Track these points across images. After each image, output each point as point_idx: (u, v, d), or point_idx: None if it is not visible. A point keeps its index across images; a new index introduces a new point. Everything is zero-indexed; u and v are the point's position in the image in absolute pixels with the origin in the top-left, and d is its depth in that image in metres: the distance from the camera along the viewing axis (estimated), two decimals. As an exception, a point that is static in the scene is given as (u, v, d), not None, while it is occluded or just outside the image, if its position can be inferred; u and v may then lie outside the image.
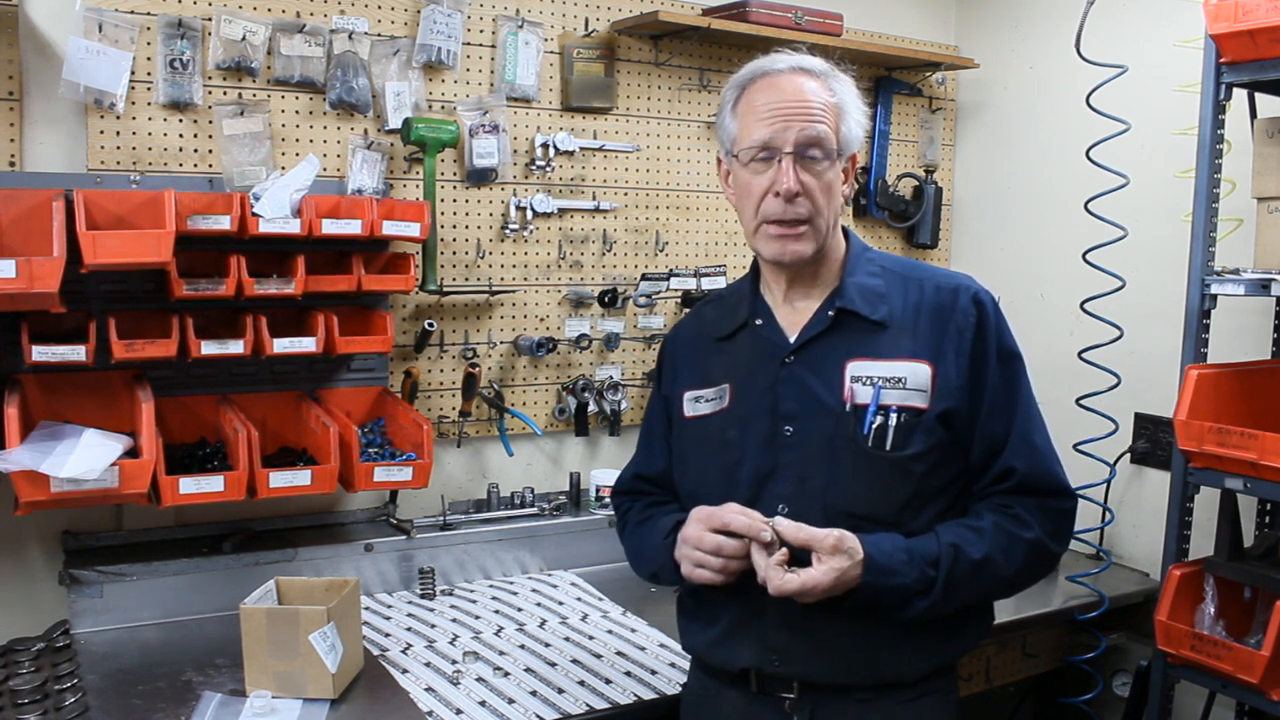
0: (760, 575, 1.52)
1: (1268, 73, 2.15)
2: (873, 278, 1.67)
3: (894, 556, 1.53)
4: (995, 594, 1.68)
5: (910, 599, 1.54)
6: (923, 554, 1.54)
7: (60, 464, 1.92)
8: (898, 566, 1.53)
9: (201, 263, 2.21)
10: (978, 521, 1.59)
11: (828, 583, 1.49)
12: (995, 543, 1.57)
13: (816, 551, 1.50)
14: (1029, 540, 1.59)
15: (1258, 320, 2.62)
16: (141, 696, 1.90)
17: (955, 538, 1.56)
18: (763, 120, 1.59)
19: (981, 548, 1.56)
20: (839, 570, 1.49)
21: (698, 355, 1.79)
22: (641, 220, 2.95)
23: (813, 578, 1.49)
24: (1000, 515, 1.60)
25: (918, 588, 1.53)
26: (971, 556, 1.55)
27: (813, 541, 1.50)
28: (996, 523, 1.59)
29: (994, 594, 1.68)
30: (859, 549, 1.51)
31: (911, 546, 1.55)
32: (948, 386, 1.59)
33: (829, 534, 1.50)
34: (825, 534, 1.50)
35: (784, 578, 1.49)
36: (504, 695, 1.97)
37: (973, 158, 3.47)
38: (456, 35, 2.60)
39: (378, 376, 2.57)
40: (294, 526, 2.52)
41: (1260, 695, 2.11)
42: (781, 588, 1.49)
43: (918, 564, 1.53)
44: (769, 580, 1.50)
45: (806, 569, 1.50)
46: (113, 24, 2.22)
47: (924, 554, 1.54)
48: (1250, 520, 2.52)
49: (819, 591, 1.49)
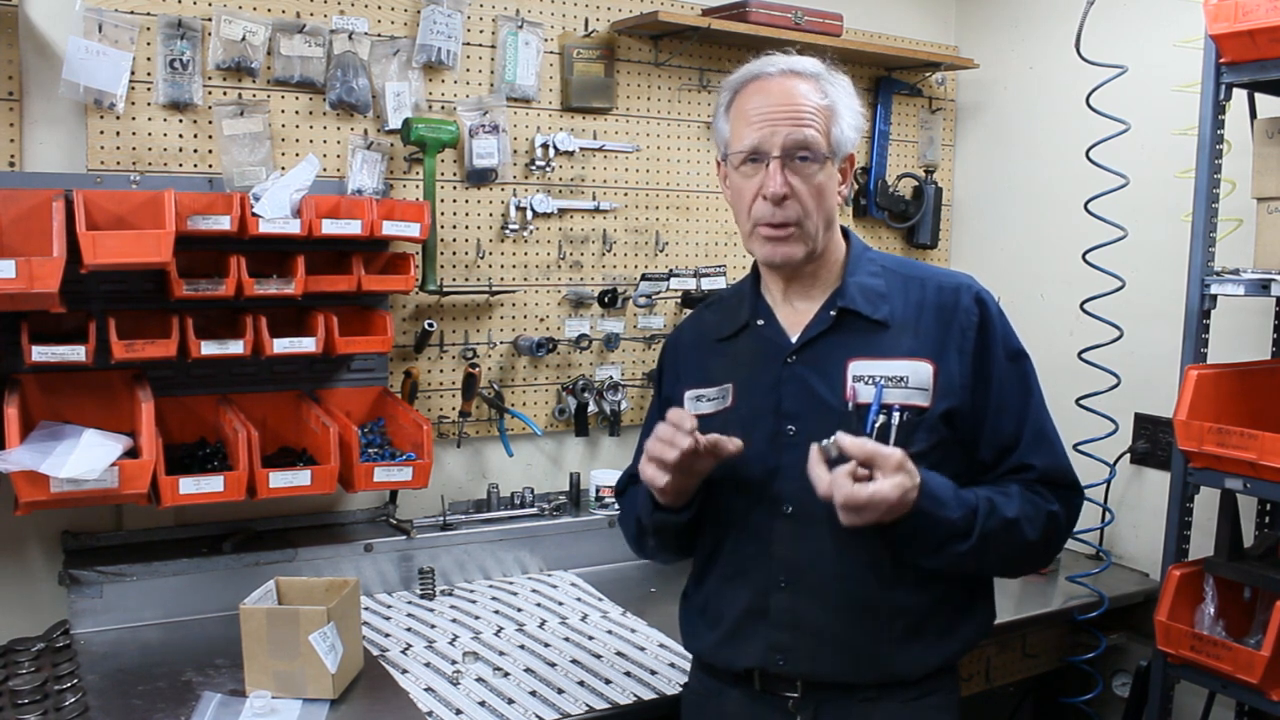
0: (822, 489, 1.46)
1: (1268, 73, 2.16)
2: (874, 278, 1.67)
3: (945, 489, 1.52)
4: (1014, 561, 1.67)
5: (949, 540, 1.53)
6: (965, 497, 1.54)
7: (60, 464, 1.92)
8: (948, 500, 1.52)
9: (201, 263, 2.21)
10: (1005, 489, 1.60)
11: (895, 497, 1.44)
12: (1023, 508, 1.58)
13: (880, 468, 1.46)
14: (1051, 511, 1.61)
15: (1258, 320, 2.62)
16: (141, 696, 1.90)
17: (989, 494, 1.57)
18: (752, 124, 1.60)
19: (1013, 508, 1.57)
20: (904, 488, 1.45)
21: (699, 356, 1.79)
22: (641, 220, 2.95)
23: (881, 490, 1.44)
24: (1024, 487, 1.61)
25: (960, 528, 1.53)
26: (1005, 514, 1.56)
27: (879, 457, 1.46)
28: (1022, 491, 1.61)
29: (1014, 561, 1.66)
30: (917, 473, 1.49)
31: (956, 488, 1.54)
32: (950, 385, 1.59)
33: (893, 452, 1.47)
34: (891, 451, 1.47)
35: (853, 488, 1.44)
36: (504, 695, 1.97)
37: (973, 158, 3.47)
38: (456, 35, 2.59)
39: (378, 376, 2.57)
40: (294, 526, 2.52)
41: (1260, 695, 2.11)
42: (851, 496, 1.43)
43: (963, 505, 1.53)
44: (837, 490, 1.44)
45: (873, 481, 1.44)
46: (113, 24, 2.22)
47: (966, 498, 1.55)
48: (1250, 520, 2.52)
49: (884, 507, 1.44)
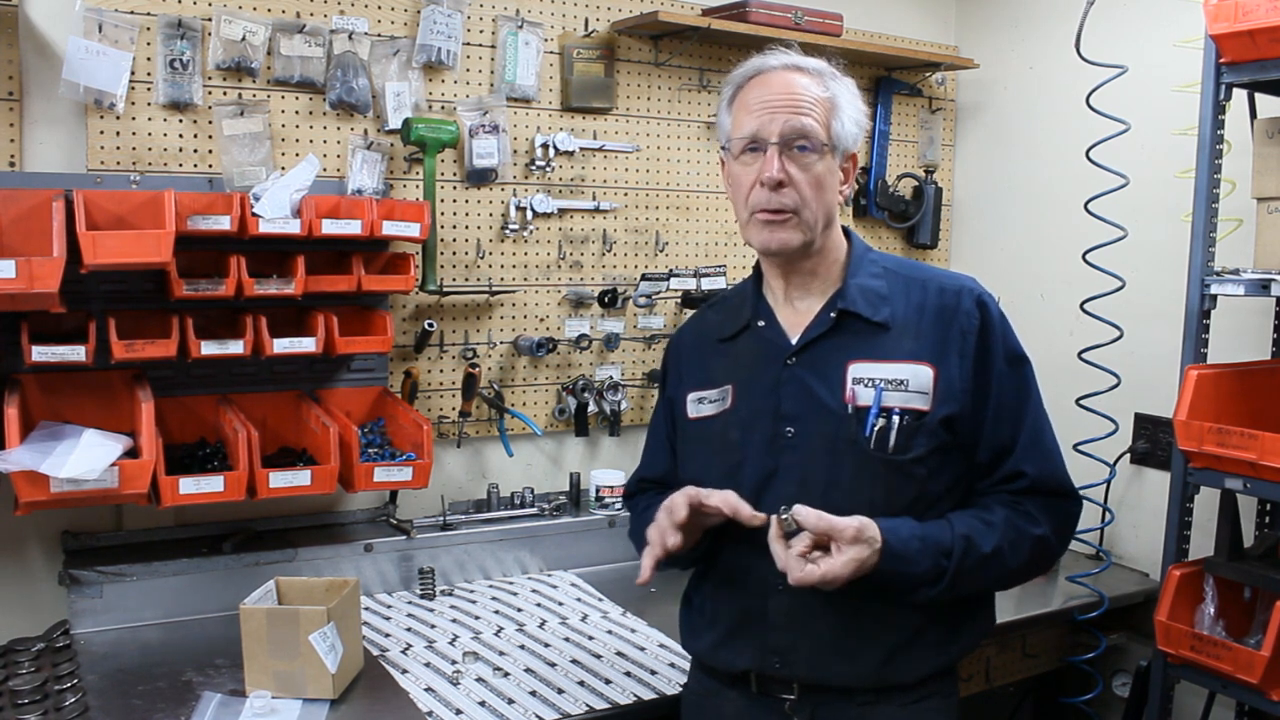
0: (780, 564, 1.49)
1: (1268, 73, 2.15)
2: (875, 279, 1.67)
3: (909, 544, 1.52)
4: (997, 586, 1.68)
5: (919, 587, 1.54)
6: (936, 543, 1.54)
7: (60, 464, 1.92)
8: (912, 555, 1.52)
9: (201, 263, 2.21)
10: (989, 515, 1.59)
11: (848, 574, 1.46)
12: (1005, 536, 1.57)
13: (836, 541, 1.47)
14: (1036, 536, 1.60)
15: (1258, 320, 2.62)
16: (141, 696, 1.90)
17: (967, 529, 1.56)
18: (752, 113, 1.61)
19: (992, 540, 1.56)
20: (859, 561, 1.47)
21: (701, 357, 1.79)
22: (641, 220, 2.95)
23: (833, 569, 1.46)
24: (1011, 510, 1.60)
25: (929, 577, 1.53)
26: (982, 550, 1.55)
27: (833, 531, 1.47)
28: (1007, 517, 1.59)
29: (997, 586, 1.68)
30: (878, 537, 1.49)
31: (926, 535, 1.54)
32: (950, 389, 1.59)
33: (849, 523, 1.48)
34: (846, 523, 1.47)
35: (805, 569, 1.46)
36: (504, 695, 1.97)
37: (973, 158, 3.47)
38: (456, 35, 2.59)
39: (378, 376, 2.57)
40: (294, 527, 2.52)
41: (1260, 695, 2.11)
42: (803, 579, 1.46)
43: (931, 553, 1.53)
44: (789, 570, 1.47)
45: (826, 559, 1.47)
46: (113, 24, 2.22)
47: (938, 543, 1.54)
48: (1250, 520, 2.52)
49: (838, 583, 1.47)
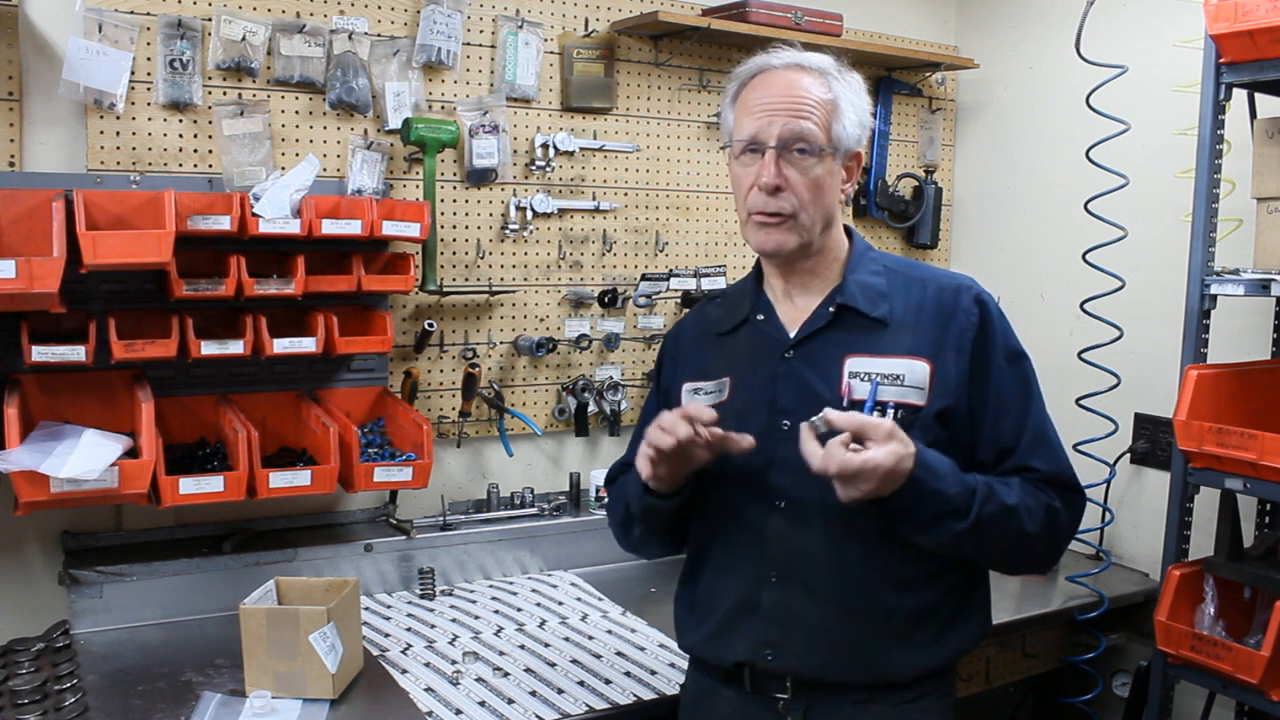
0: (816, 464, 1.44)
1: (1268, 73, 2.15)
2: (875, 276, 1.67)
3: (942, 463, 1.51)
4: (1014, 552, 1.63)
5: (946, 516, 1.51)
6: (962, 479, 1.53)
7: (60, 464, 1.92)
8: (945, 473, 1.50)
9: (201, 263, 2.21)
10: (1006, 480, 1.59)
11: (889, 464, 1.43)
12: (1023, 498, 1.57)
13: (870, 438, 1.44)
14: (1051, 506, 1.60)
15: (1258, 320, 2.62)
16: (141, 696, 1.90)
17: (989, 480, 1.56)
18: (752, 115, 1.61)
19: (1012, 496, 1.56)
20: (897, 455, 1.44)
21: (699, 349, 1.79)
22: (641, 220, 2.95)
23: (875, 457, 1.42)
24: (1025, 481, 1.60)
25: (958, 503, 1.50)
26: (1004, 500, 1.54)
27: (868, 427, 1.45)
28: (1022, 483, 1.59)
29: (1013, 552, 1.63)
30: (910, 442, 1.47)
31: (955, 466, 1.53)
32: (946, 385, 1.59)
33: (882, 421, 1.46)
34: (879, 421, 1.46)
35: (847, 455, 1.42)
36: (504, 695, 1.97)
37: (973, 158, 3.47)
38: (456, 35, 2.60)
39: (378, 377, 2.57)
40: (294, 527, 2.52)
41: (1260, 695, 2.11)
42: (846, 463, 1.41)
43: (962, 483, 1.52)
44: (831, 460, 1.42)
45: (865, 450, 1.42)
46: (113, 24, 2.22)
47: (964, 480, 1.53)
48: (1250, 520, 2.52)
49: (879, 474, 1.43)
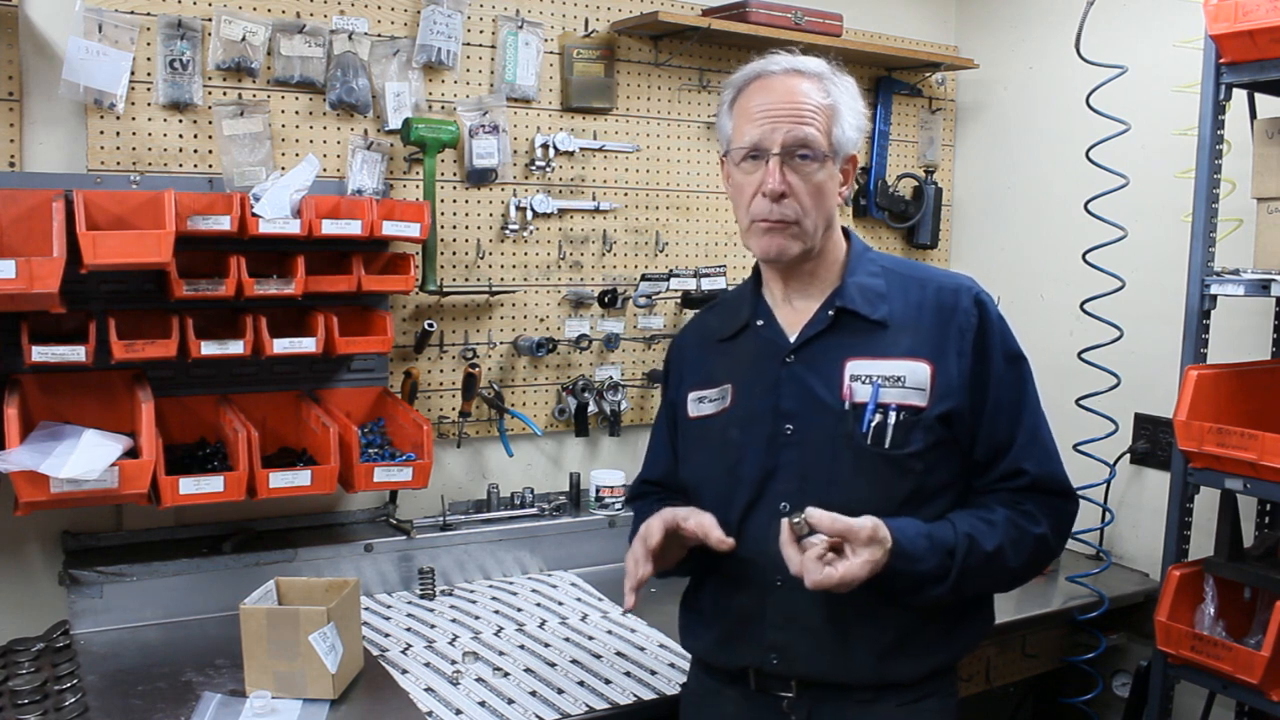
0: (794, 568, 1.46)
1: (1268, 73, 2.15)
2: (874, 278, 1.67)
3: (917, 543, 1.52)
4: (998, 586, 1.68)
5: (925, 586, 1.54)
6: (941, 542, 1.54)
7: (60, 464, 1.92)
8: (920, 553, 1.52)
9: (201, 263, 2.21)
10: (990, 514, 1.60)
11: (865, 575, 1.45)
12: (1006, 536, 1.58)
13: (852, 543, 1.46)
14: (1037, 535, 1.60)
15: (1258, 320, 2.62)
16: (141, 697, 1.90)
17: (970, 528, 1.57)
18: (753, 121, 1.60)
19: (994, 539, 1.56)
20: (874, 562, 1.46)
21: (701, 357, 1.79)
22: (641, 220, 2.95)
23: (851, 570, 1.44)
24: (1011, 510, 1.60)
25: (935, 575, 1.53)
26: (984, 548, 1.55)
27: (849, 533, 1.46)
28: (1008, 517, 1.59)
29: (997, 586, 1.67)
30: (889, 537, 1.48)
31: (932, 533, 1.54)
32: (948, 386, 1.59)
33: (864, 524, 1.47)
34: (861, 524, 1.46)
35: (823, 572, 1.44)
36: (504, 695, 1.97)
37: (973, 158, 3.46)
38: (456, 35, 2.60)
39: (378, 377, 2.57)
40: (294, 527, 2.52)
41: (1260, 695, 2.11)
42: (821, 582, 1.44)
43: (937, 552, 1.53)
44: (807, 574, 1.45)
45: (843, 561, 1.45)
46: (113, 24, 2.22)
47: (942, 542, 1.54)
48: (1250, 520, 2.52)
49: (855, 584, 1.45)
